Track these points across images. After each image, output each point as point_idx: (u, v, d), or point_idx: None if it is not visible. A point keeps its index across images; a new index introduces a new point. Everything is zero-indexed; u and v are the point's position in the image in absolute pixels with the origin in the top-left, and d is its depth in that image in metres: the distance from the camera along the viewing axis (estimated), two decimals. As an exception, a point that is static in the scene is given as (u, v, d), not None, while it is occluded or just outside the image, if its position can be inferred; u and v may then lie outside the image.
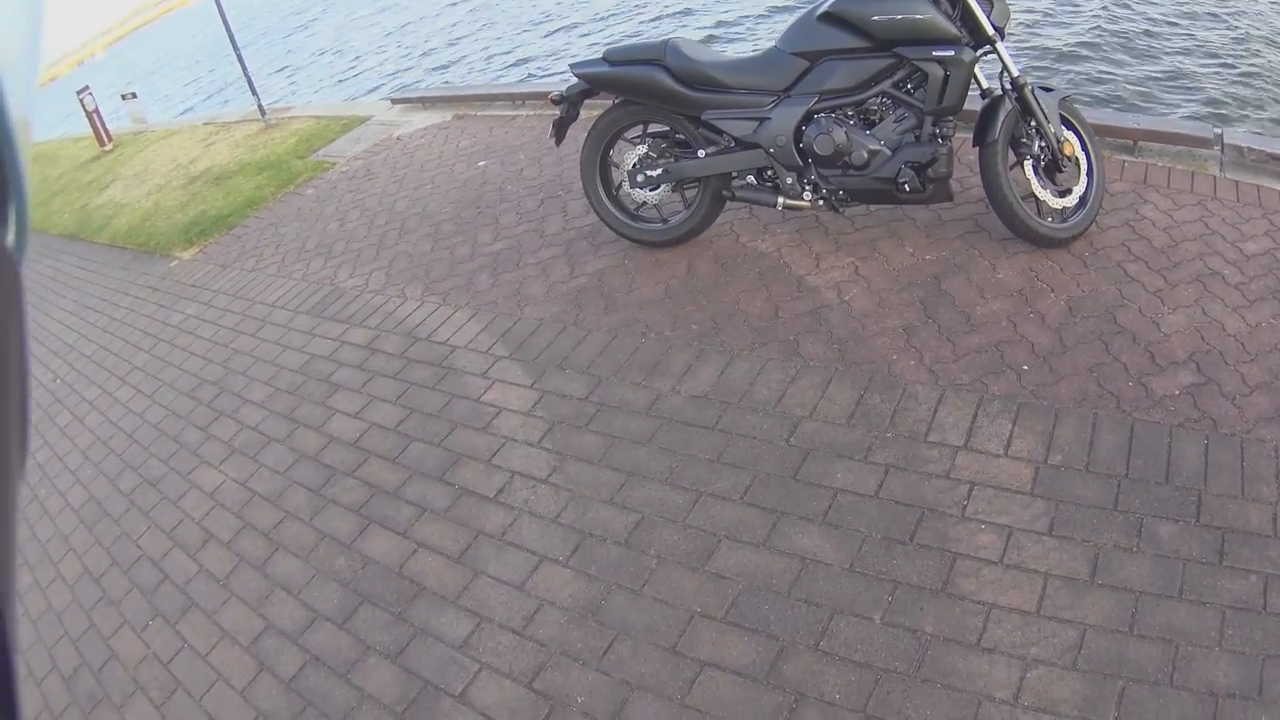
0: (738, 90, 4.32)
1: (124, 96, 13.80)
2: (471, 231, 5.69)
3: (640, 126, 4.70)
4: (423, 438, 4.09)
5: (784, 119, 4.23)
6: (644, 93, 4.46)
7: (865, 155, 4.14)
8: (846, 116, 4.20)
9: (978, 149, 4.11)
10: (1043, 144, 4.14)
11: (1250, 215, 4.24)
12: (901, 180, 4.08)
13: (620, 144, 4.80)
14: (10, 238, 0.39)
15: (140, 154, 10.42)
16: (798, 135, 4.25)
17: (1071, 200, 4.21)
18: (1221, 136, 4.77)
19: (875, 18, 3.97)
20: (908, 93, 4.14)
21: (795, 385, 3.74)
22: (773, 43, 4.38)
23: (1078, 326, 3.72)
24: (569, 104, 4.70)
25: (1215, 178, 4.55)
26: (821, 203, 4.37)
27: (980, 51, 4.04)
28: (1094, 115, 5.15)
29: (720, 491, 3.38)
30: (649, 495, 3.44)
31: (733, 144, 4.39)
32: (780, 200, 4.39)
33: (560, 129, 4.84)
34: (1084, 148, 4.27)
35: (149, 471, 4.69)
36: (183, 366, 5.51)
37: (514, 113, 7.49)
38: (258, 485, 4.23)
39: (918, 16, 3.93)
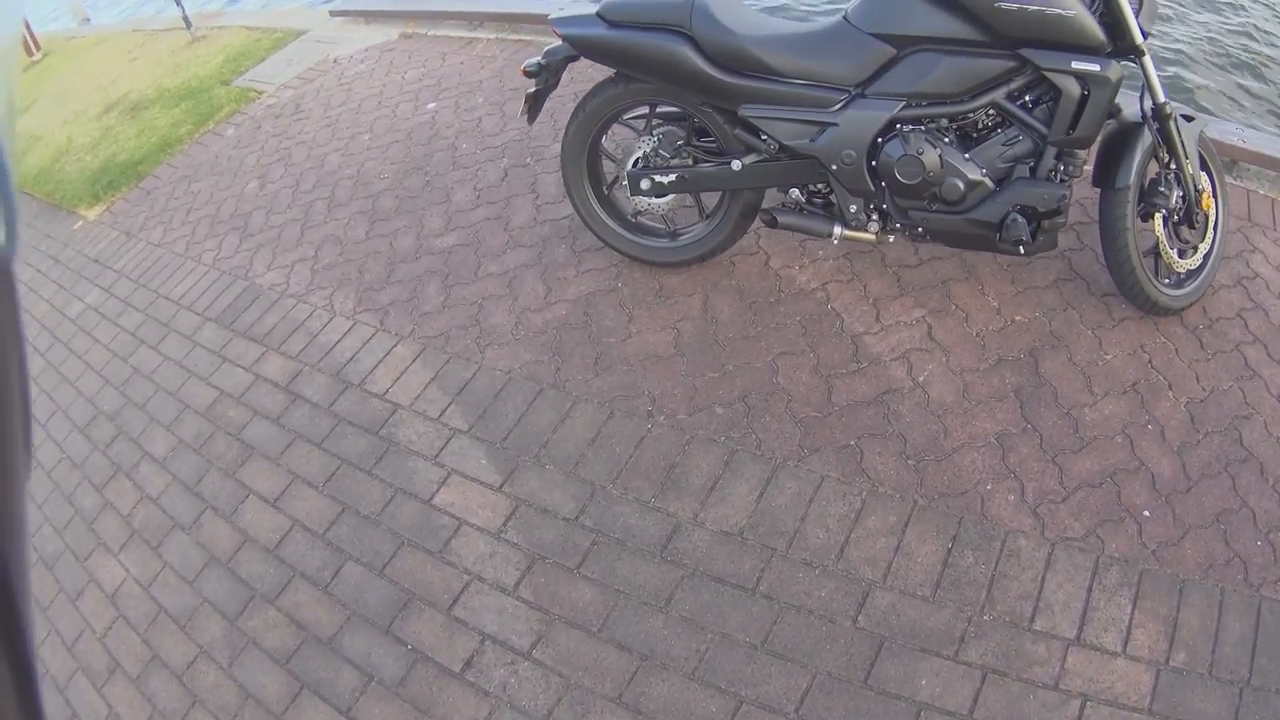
0: (792, 79, 2.95)
1: (63, -12, 11.81)
2: (417, 212, 4.31)
3: (645, 107, 3.31)
4: (361, 557, 2.92)
5: (856, 127, 2.90)
6: (658, 71, 3.05)
7: (962, 188, 2.86)
8: (940, 132, 2.89)
9: (1100, 191, 2.92)
10: (1181, 194, 2.98)
11: (1375, 281, 3.26)
12: (1011, 233, 2.85)
13: (616, 126, 3.42)
14: (1, 237, 0.37)
15: (65, 67, 8.67)
16: (873, 151, 2.94)
17: (1195, 261, 3.10)
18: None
19: (1001, 4, 2.64)
20: (1025, 108, 2.85)
21: (862, 526, 2.60)
22: (841, 15, 2.97)
23: (1201, 448, 2.72)
24: (548, 74, 3.27)
25: (1327, 220, 3.53)
26: (891, 238, 3.12)
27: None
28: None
29: (768, 699, 2.31)
30: (671, 695, 2.36)
31: (779, 152, 3.05)
32: (838, 231, 3.10)
33: (534, 104, 3.38)
34: (1214, 194, 3.14)
35: (44, 547, 3.53)
36: (78, 385, 4.25)
37: (470, 34, 5.94)
38: (163, 596, 3.09)
39: (1062, 12, 2.62)
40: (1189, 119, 3.01)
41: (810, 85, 2.93)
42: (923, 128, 2.87)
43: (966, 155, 2.87)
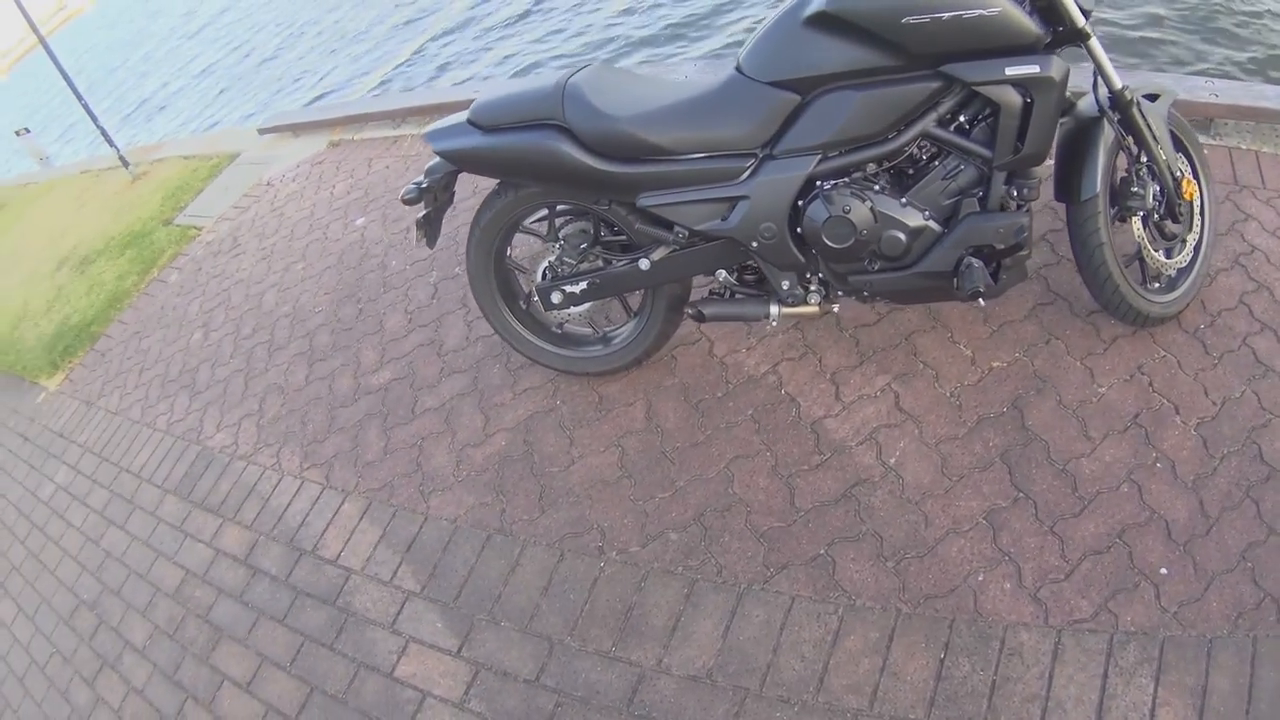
0: (688, 155, 2.67)
1: (17, 133, 11.95)
2: (353, 346, 4.24)
3: (545, 209, 3.08)
4: (334, 744, 2.83)
5: (770, 195, 2.62)
6: (538, 174, 2.83)
7: (904, 240, 2.59)
8: (869, 180, 2.61)
9: (1065, 205, 2.67)
10: (1158, 187, 2.68)
11: (1387, 228, 3.04)
12: (967, 281, 2.58)
13: (523, 232, 3.21)
14: None
15: (18, 222, 8.92)
16: (795, 218, 2.69)
17: (1186, 256, 2.82)
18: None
19: (908, 19, 2.34)
20: (962, 133, 2.57)
21: (841, 648, 2.41)
22: (733, 66, 2.68)
23: (1218, 476, 2.47)
24: (436, 192, 3.01)
25: (1314, 163, 3.28)
26: (835, 307, 2.89)
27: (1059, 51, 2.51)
28: (1148, 85, 3.64)
29: None
30: None
31: (692, 238, 2.80)
32: (775, 311, 2.86)
33: (430, 227, 3.11)
34: (1196, 175, 2.84)
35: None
36: (58, 573, 4.29)
37: (395, 132, 5.92)
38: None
39: (984, 13, 2.31)
40: (1153, 98, 2.73)
41: (709, 158, 2.65)
42: (846, 180, 2.60)
43: (903, 200, 2.59)
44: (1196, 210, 2.84)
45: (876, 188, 2.60)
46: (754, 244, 2.70)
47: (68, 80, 7.11)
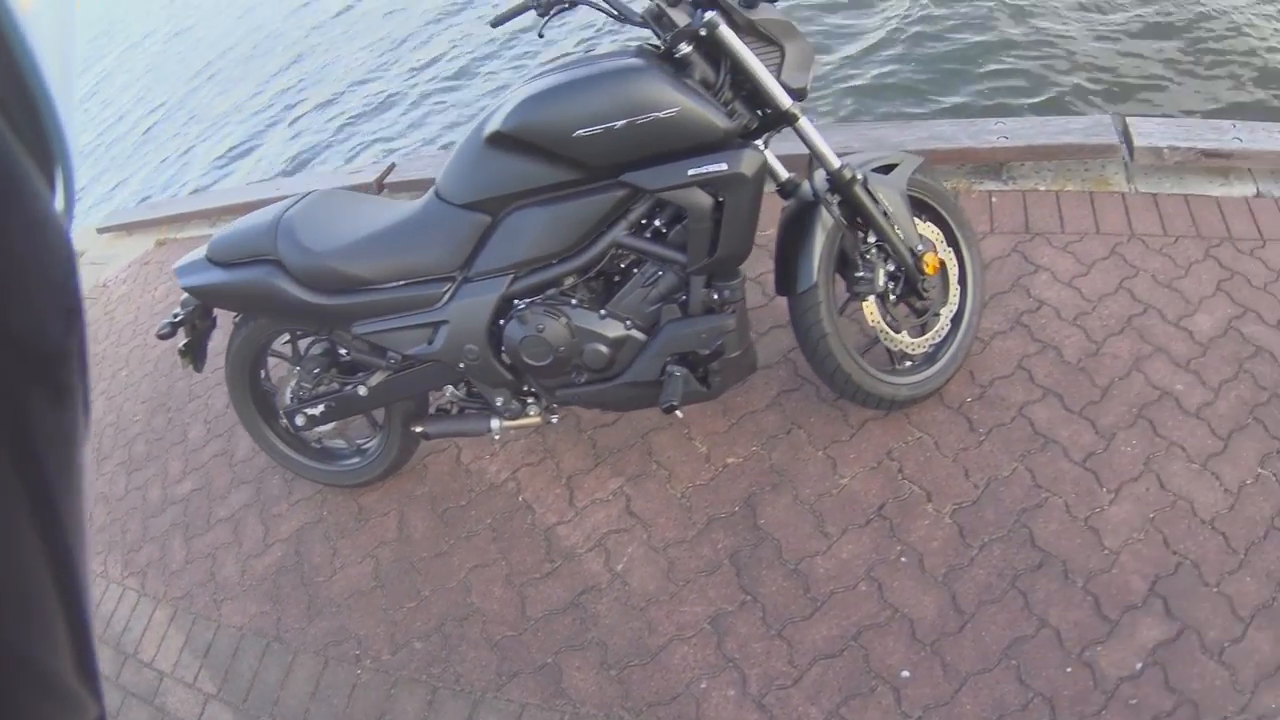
0: (388, 284, 2.70)
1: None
2: (162, 457, 4.32)
3: (288, 332, 3.17)
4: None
5: (467, 318, 2.65)
6: (264, 308, 2.91)
7: (606, 352, 2.61)
8: (565, 295, 2.63)
9: (786, 299, 2.71)
10: (892, 269, 2.72)
11: (1189, 255, 3.03)
12: (664, 392, 2.57)
13: (273, 355, 3.34)
14: (60, 204, 0.39)
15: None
16: (496, 338, 2.70)
17: (940, 331, 2.84)
18: (1128, 136, 3.38)
19: (580, 132, 2.31)
20: (657, 238, 2.55)
21: (565, 758, 2.54)
22: (433, 190, 2.68)
23: (976, 567, 2.46)
24: (194, 320, 3.07)
25: (1124, 195, 3.27)
26: (556, 417, 2.97)
27: (769, 136, 2.52)
28: (932, 136, 3.61)
29: None
30: None
31: (406, 361, 2.86)
32: (496, 425, 2.95)
33: (194, 352, 3.15)
34: (951, 241, 2.86)
35: None
36: None
37: (211, 232, 5.93)
38: None
39: (660, 115, 2.27)
40: (888, 169, 2.69)
41: (410, 284, 2.69)
42: (541, 297, 2.61)
43: (602, 313, 2.59)
44: (954, 279, 2.84)
45: (573, 302, 2.60)
46: (461, 365, 2.75)
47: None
